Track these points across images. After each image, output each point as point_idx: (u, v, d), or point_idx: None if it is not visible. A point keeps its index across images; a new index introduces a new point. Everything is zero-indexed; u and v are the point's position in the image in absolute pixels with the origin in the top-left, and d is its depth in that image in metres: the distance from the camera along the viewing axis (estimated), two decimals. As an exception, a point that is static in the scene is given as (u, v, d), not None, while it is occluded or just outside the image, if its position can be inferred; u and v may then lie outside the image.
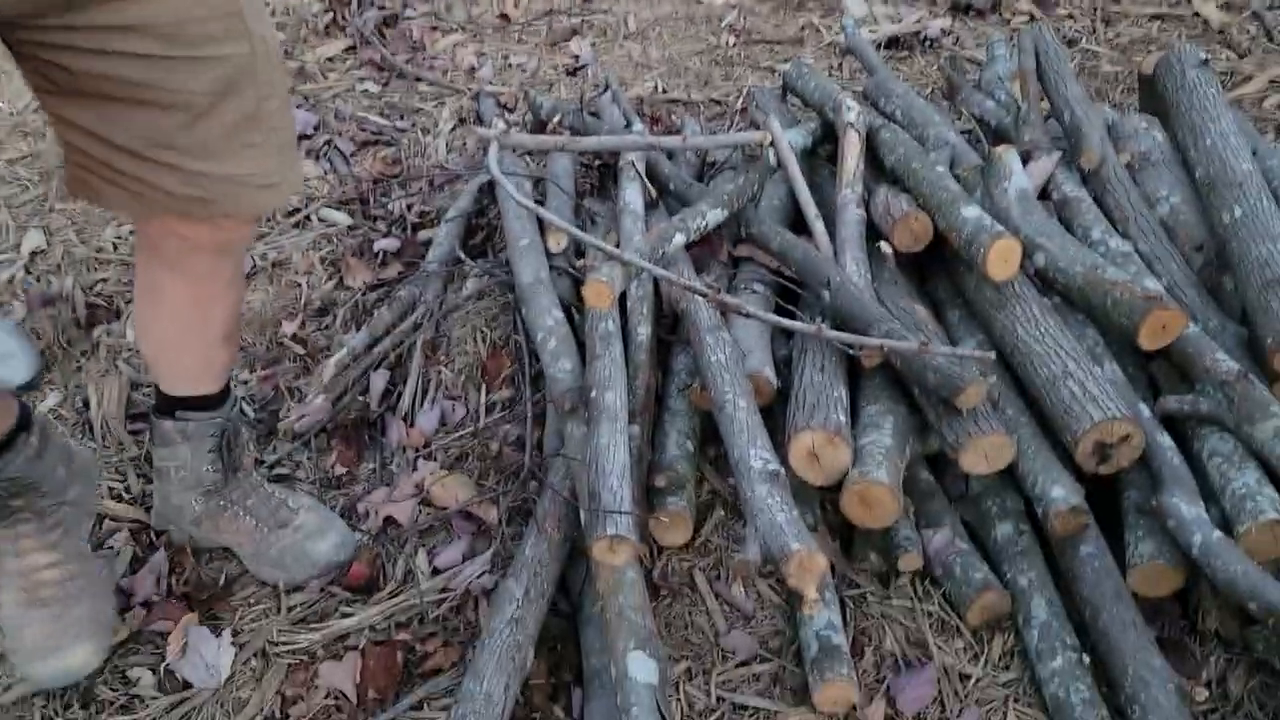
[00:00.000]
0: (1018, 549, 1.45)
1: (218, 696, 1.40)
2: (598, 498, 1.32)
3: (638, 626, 1.28)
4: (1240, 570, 1.22)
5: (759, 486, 1.32)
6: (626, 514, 1.30)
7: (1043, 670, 1.33)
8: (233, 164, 1.14)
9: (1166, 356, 1.50)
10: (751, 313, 1.49)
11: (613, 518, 1.29)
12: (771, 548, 1.24)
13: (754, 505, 1.30)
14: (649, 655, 1.24)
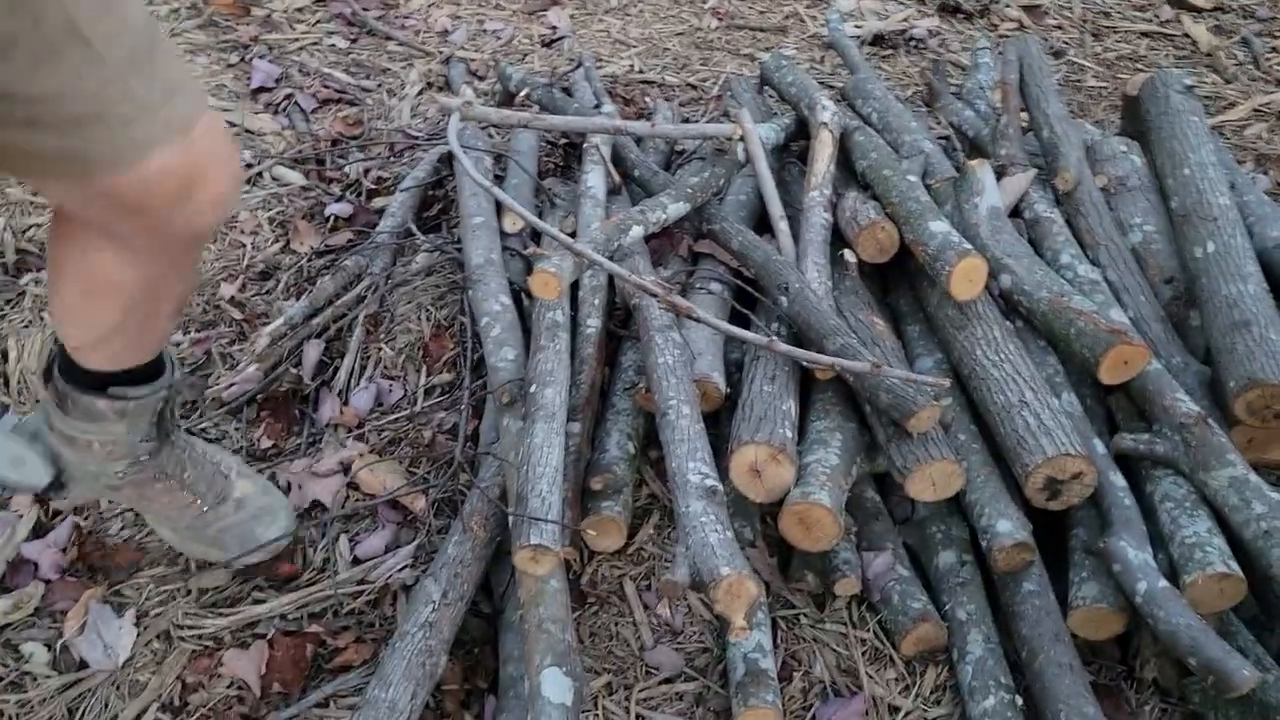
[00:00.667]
0: (959, 580, 1.40)
1: (114, 679, 1.33)
2: (525, 502, 1.26)
3: (556, 641, 1.22)
4: (1183, 623, 1.18)
5: (695, 502, 1.26)
6: (552, 523, 1.24)
7: (974, 709, 1.28)
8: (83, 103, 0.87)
9: (1127, 392, 1.46)
10: (702, 317, 1.43)
11: (538, 526, 1.23)
12: (701, 570, 1.19)
13: (687, 522, 1.24)
14: (565, 674, 1.19)
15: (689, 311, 1.45)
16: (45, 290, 1.92)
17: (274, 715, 1.29)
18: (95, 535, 1.50)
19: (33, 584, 1.42)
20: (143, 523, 1.52)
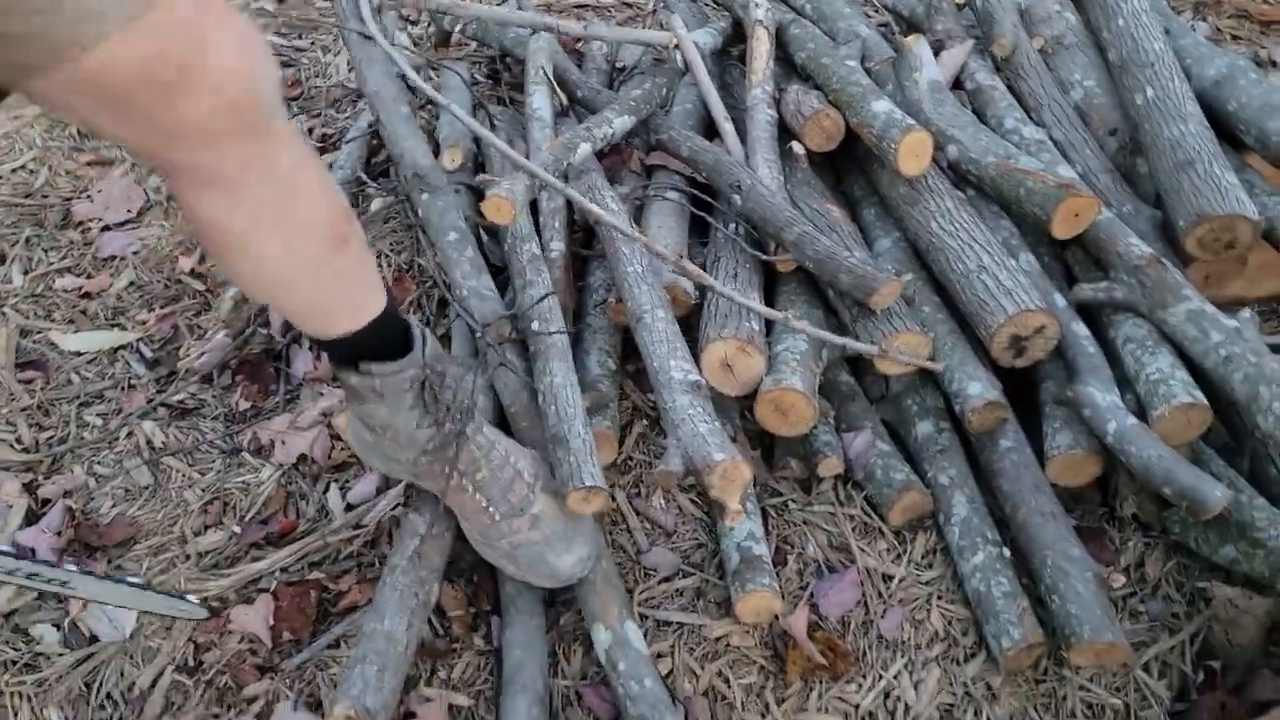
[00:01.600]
0: (938, 447, 1.43)
1: (125, 649, 1.35)
2: (565, 444, 1.27)
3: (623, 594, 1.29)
4: (1154, 455, 1.22)
5: (680, 397, 1.28)
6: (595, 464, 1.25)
7: (964, 566, 1.32)
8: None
9: (1081, 245, 1.48)
10: (718, 288, 1.42)
11: (586, 468, 1.24)
12: (694, 459, 1.21)
13: (675, 416, 1.26)
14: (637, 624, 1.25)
15: (701, 278, 1.45)
16: (3, 287, 1.91)
17: (288, 662, 1.32)
18: (88, 516, 1.51)
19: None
20: (134, 498, 1.53)
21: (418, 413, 1.21)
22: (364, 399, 1.19)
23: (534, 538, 1.27)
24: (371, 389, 1.17)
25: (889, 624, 1.32)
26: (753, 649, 1.30)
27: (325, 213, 1.02)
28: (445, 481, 1.26)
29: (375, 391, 1.17)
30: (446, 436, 1.23)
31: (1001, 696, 1.27)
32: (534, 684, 1.23)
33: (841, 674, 1.28)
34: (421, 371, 1.18)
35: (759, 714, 1.26)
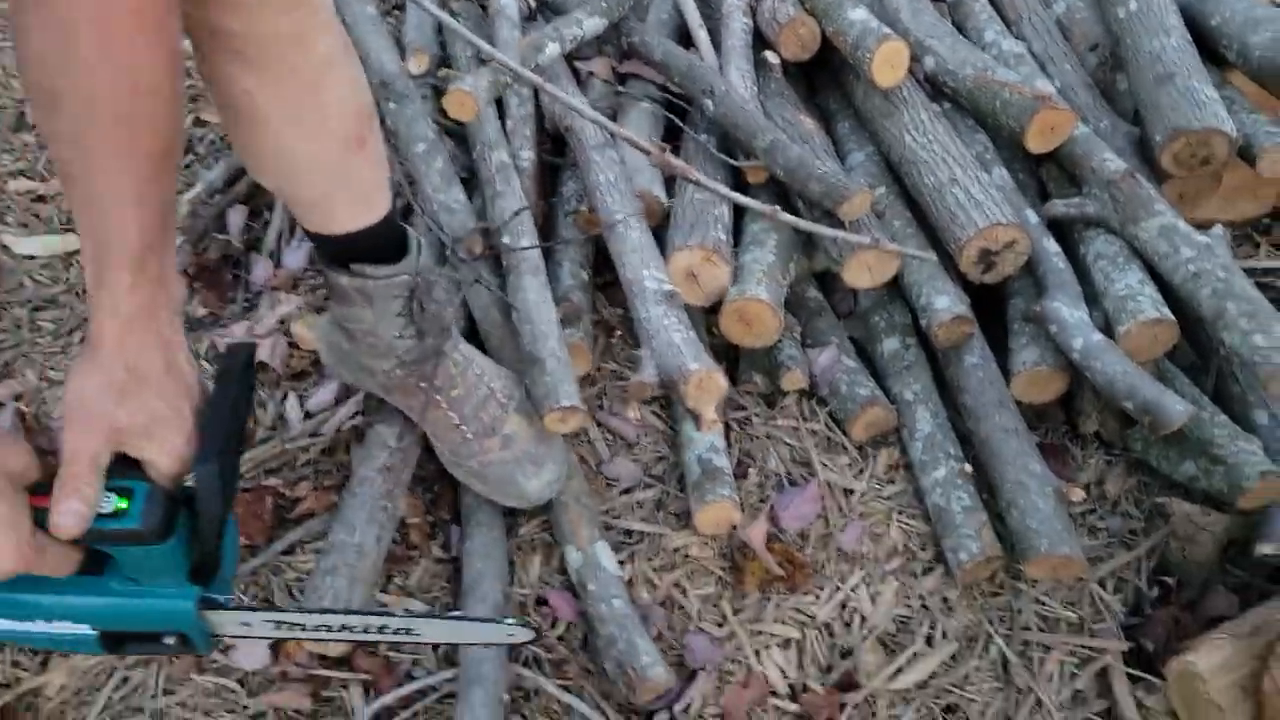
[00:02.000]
0: (904, 363, 1.42)
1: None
2: (540, 363, 1.25)
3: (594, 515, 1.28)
4: (1120, 370, 1.21)
5: (654, 308, 1.26)
6: (572, 384, 1.23)
7: (926, 481, 1.32)
8: None
9: (1056, 160, 1.46)
10: (701, 180, 1.38)
11: (563, 388, 1.22)
12: (669, 369, 1.19)
13: (650, 326, 1.24)
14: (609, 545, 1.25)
15: (686, 173, 1.41)
16: None
17: (243, 567, 1.31)
18: (40, 420, 1.48)
19: (-17, 471, 1.40)
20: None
21: (402, 321, 1.17)
22: (350, 302, 1.16)
23: (505, 458, 1.25)
24: (360, 292, 1.14)
25: (848, 538, 1.31)
26: (710, 560, 1.30)
27: (351, 109, 0.99)
28: (419, 396, 1.23)
29: (364, 295, 1.14)
30: (425, 350, 1.20)
31: (957, 609, 1.27)
32: (493, 593, 1.23)
33: (799, 586, 1.28)
34: (413, 279, 1.15)
35: (715, 624, 1.26)
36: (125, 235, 0.73)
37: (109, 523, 0.74)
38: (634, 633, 1.17)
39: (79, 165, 0.72)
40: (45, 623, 0.83)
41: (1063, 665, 1.23)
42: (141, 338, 0.76)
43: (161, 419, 0.76)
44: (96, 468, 0.74)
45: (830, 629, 1.26)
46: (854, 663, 1.23)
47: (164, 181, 0.75)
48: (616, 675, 1.16)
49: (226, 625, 0.87)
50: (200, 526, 0.79)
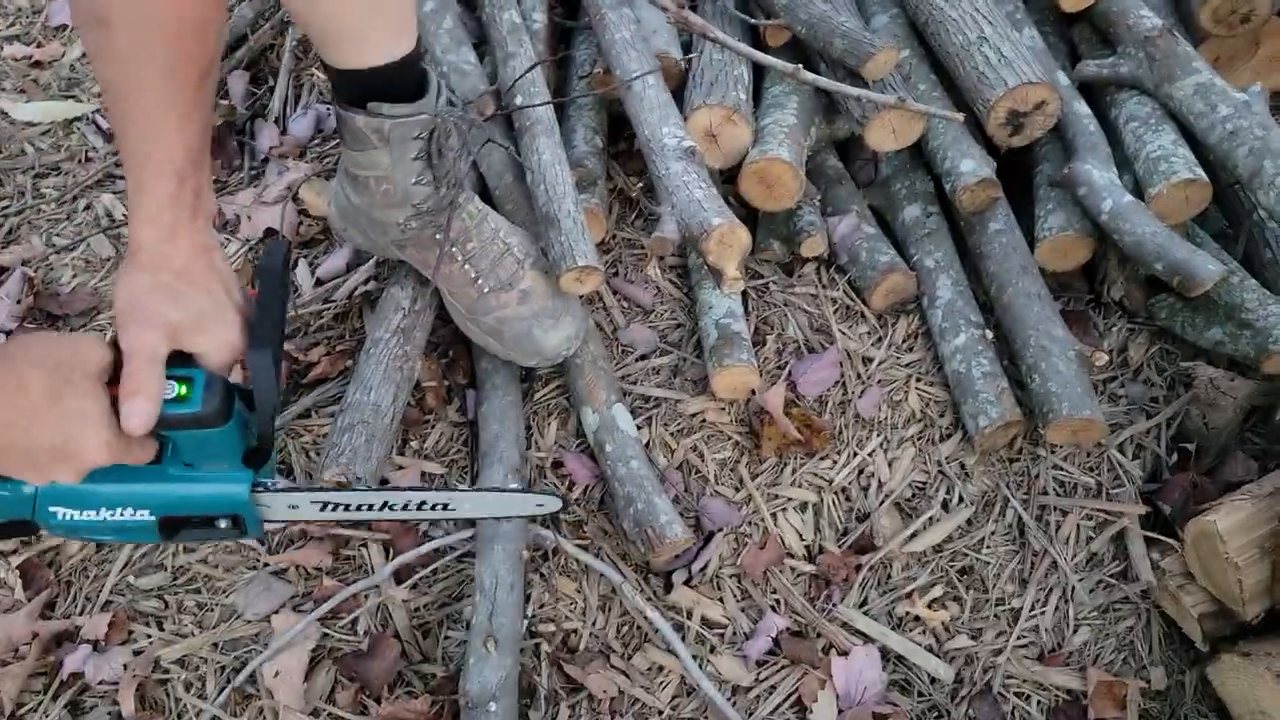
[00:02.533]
0: (925, 231, 1.39)
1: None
2: (556, 223, 1.22)
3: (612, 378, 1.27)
4: (1149, 231, 1.18)
5: (674, 164, 1.22)
6: (588, 243, 1.20)
7: (945, 348, 1.30)
8: None
9: (1089, 20, 1.41)
10: (719, 38, 1.33)
11: (580, 247, 1.19)
12: (690, 225, 1.16)
13: (670, 183, 1.21)
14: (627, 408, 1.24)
15: (705, 30, 1.35)
16: None
17: (258, 430, 1.30)
18: (48, 286, 1.46)
19: (-8, 335, 1.40)
20: (95, 270, 1.49)
21: (419, 165, 1.15)
22: (366, 145, 1.13)
23: (522, 313, 1.23)
24: (378, 133, 1.11)
25: (866, 404, 1.30)
26: (728, 425, 1.29)
27: None
28: (434, 250, 1.21)
29: (381, 136, 1.11)
30: (441, 200, 1.18)
31: (974, 475, 1.27)
32: (510, 456, 1.22)
33: (816, 450, 1.27)
34: (432, 120, 1.12)
35: (733, 488, 1.26)
36: (169, 148, 0.78)
37: (172, 408, 0.78)
38: (652, 493, 1.17)
39: (126, 84, 0.75)
40: (108, 511, 0.85)
41: (1079, 529, 1.23)
42: (183, 242, 0.81)
43: (209, 314, 0.81)
44: (156, 363, 0.77)
45: (847, 493, 1.26)
46: (870, 526, 1.24)
47: (205, 99, 0.80)
48: (635, 535, 1.16)
49: (276, 508, 0.89)
50: (256, 414, 0.83)
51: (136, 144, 0.78)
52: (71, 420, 0.75)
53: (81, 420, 0.75)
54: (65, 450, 0.76)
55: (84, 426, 0.75)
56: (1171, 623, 1.19)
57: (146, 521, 0.86)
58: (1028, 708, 1.15)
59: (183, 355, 0.80)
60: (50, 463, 0.77)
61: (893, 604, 1.20)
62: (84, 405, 0.75)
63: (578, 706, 1.12)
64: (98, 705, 1.12)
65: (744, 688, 1.14)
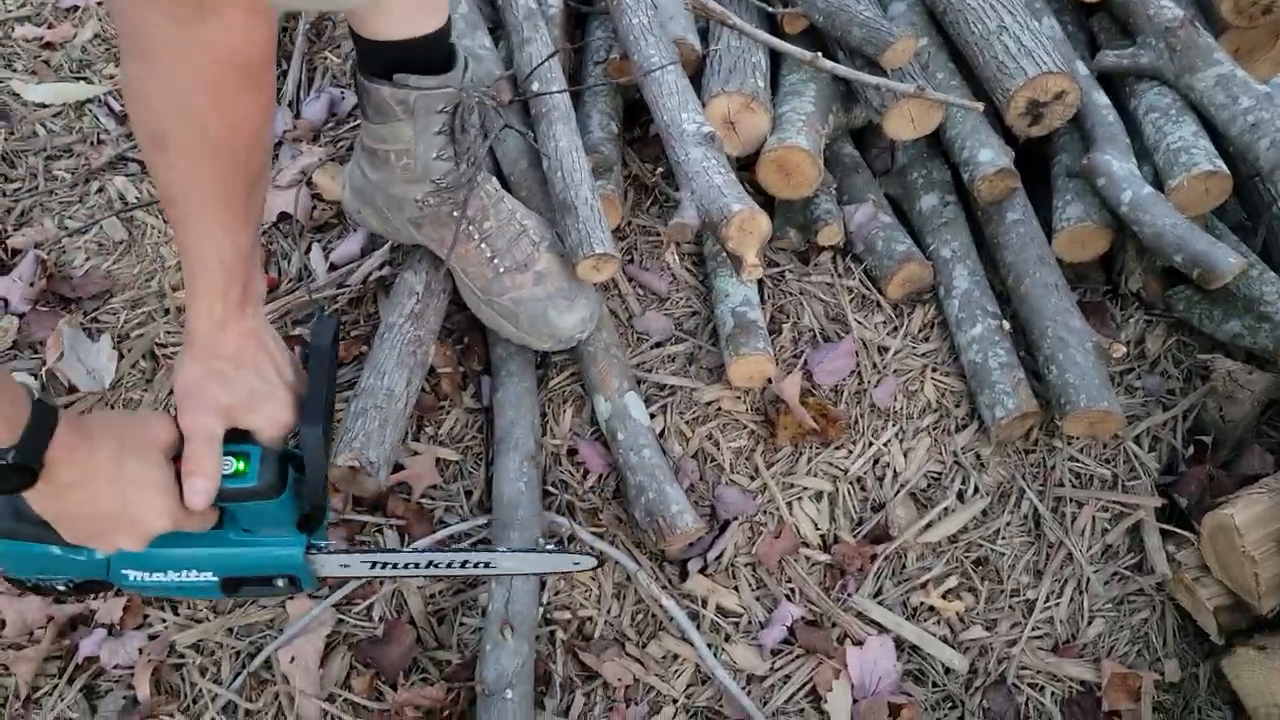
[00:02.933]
0: (942, 220, 1.39)
1: (106, 399, 1.33)
2: (573, 211, 1.22)
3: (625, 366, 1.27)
4: (1169, 223, 1.18)
5: (694, 149, 1.22)
6: (605, 230, 1.20)
7: (961, 338, 1.30)
8: None
9: (1108, 10, 1.40)
10: (738, 25, 1.32)
11: (596, 234, 1.19)
12: (710, 211, 1.16)
13: (689, 168, 1.20)
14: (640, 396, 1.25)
15: (723, 17, 1.34)
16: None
17: (272, 415, 1.30)
18: (61, 269, 1.46)
19: (6, 318, 1.39)
20: (108, 252, 1.48)
21: (442, 140, 1.15)
22: (388, 116, 1.13)
23: (537, 294, 1.23)
24: (403, 104, 1.11)
25: (882, 393, 1.30)
26: (743, 414, 1.29)
27: None
28: (451, 227, 1.21)
29: (406, 108, 1.11)
30: (461, 176, 1.18)
31: (990, 466, 1.27)
32: (525, 442, 1.22)
33: (832, 440, 1.27)
34: (458, 94, 1.12)
35: (748, 476, 1.26)
36: (219, 250, 0.83)
37: (231, 483, 0.83)
38: (664, 482, 1.17)
39: (182, 197, 0.81)
40: (174, 573, 0.92)
41: (1095, 520, 1.23)
42: (232, 331, 0.86)
43: (261, 394, 0.86)
44: (213, 443, 0.82)
45: (862, 483, 1.26)
46: (885, 516, 1.23)
47: (256, 203, 0.85)
48: (646, 524, 1.16)
49: (328, 567, 0.95)
50: (307, 482, 0.88)
51: (190, 245, 0.84)
52: (136, 488, 0.80)
53: (145, 488, 0.80)
54: (129, 516, 0.81)
55: (147, 495, 0.80)
56: (1186, 615, 1.19)
57: (210, 582, 0.93)
58: (1041, 699, 1.15)
59: (240, 432, 0.85)
60: (115, 529, 0.82)
61: (907, 594, 1.20)
62: (148, 475, 0.80)
63: (593, 694, 1.12)
64: (113, 689, 1.12)
65: (759, 677, 1.14)
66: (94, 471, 0.78)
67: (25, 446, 0.71)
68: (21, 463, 0.72)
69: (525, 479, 1.19)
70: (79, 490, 0.78)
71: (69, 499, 0.79)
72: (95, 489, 0.78)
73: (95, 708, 1.10)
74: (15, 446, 0.71)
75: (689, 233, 1.17)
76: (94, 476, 0.78)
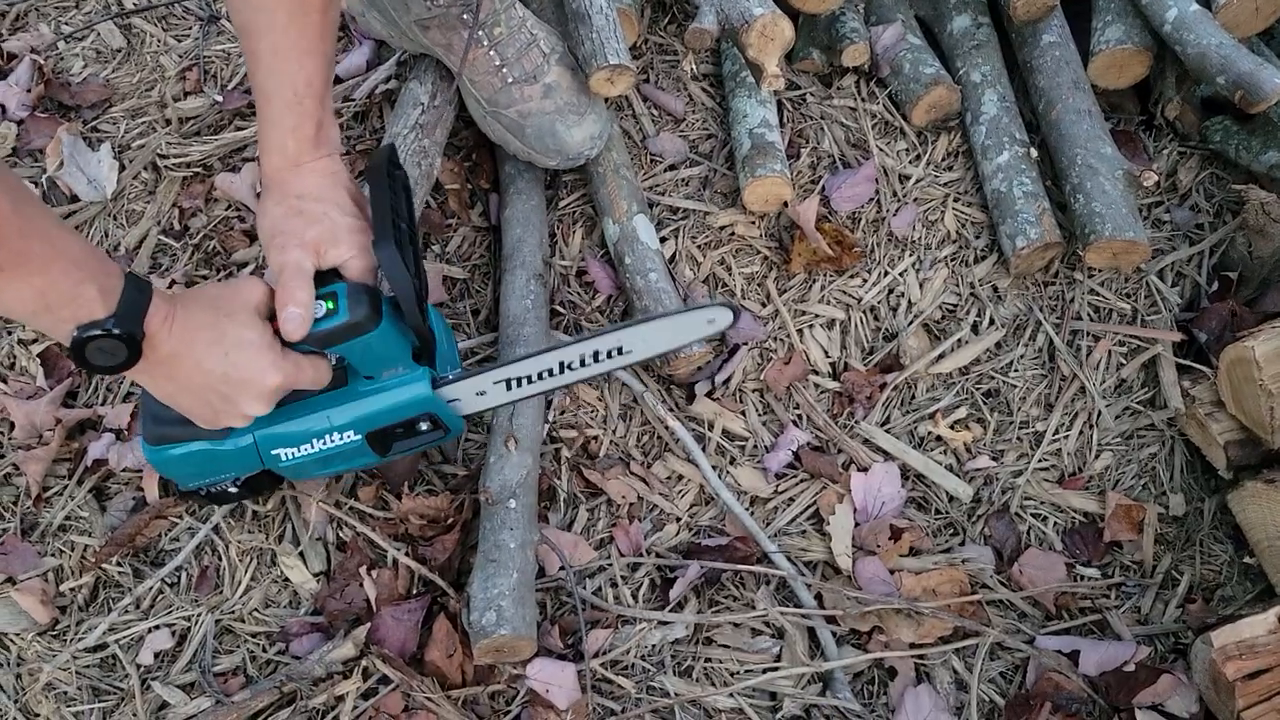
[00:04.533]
0: (973, 42, 1.32)
1: (108, 210, 1.31)
2: (588, 20, 1.15)
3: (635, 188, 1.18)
4: (1214, 43, 1.12)
5: None
6: (621, 41, 1.14)
7: (987, 166, 1.26)
8: None
9: None
10: None
11: (611, 45, 1.13)
12: (730, 15, 1.10)
13: None
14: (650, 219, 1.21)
15: None
16: None
17: (277, 229, 1.28)
18: (59, 75, 1.41)
19: (4, 124, 1.36)
20: (106, 60, 1.43)
21: None
22: None
23: (545, 107, 1.18)
24: None
25: (900, 222, 1.27)
26: (757, 239, 1.26)
27: None
28: (460, 32, 1.15)
29: None
30: None
31: (1007, 298, 1.24)
32: (532, 260, 1.20)
33: (846, 268, 1.24)
34: None
35: (759, 303, 1.23)
36: (291, 85, 0.84)
37: (324, 323, 0.84)
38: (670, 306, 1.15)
39: (254, 27, 0.82)
40: (318, 440, 0.93)
41: (1110, 354, 1.21)
42: (307, 168, 0.88)
43: (343, 225, 0.87)
44: (302, 274, 0.84)
45: (875, 312, 1.24)
46: (898, 346, 1.22)
47: (326, 35, 0.85)
48: (657, 349, 1.14)
49: (466, 400, 0.96)
50: (404, 308, 0.87)
51: (262, 81, 0.84)
52: (237, 349, 0.81)
53: (246, 347, 0.82)
54: (239, 377, 0.82)
55: (249, 352, 0.82)
56: (1195, 451, 1.18)
57: (356, 442, 0.94)
58: (1044, 528, 1.15)
59: (323, 276, 0.86)
60: (232, 394, 0.83)
61: (915, 424, 1.19)
62: (246, 334, 0.82)
63: (596, 510, 1.13)
64: (121, 491, 1.13)
65: (763, 498, 1.14)
66: (193, 340, 0.80)
67: (123, 314, 0.73)
68: (123, 330, 0.74)
69: (532, 296, 1.17)
70: (183, 361, 0.80)
71: (178, 372, 0.81)
72: (197, 355, 0.80)
73: (105, 508, 1.12)
74: (114, 314, 0.73)
75: (708, 39, 1.11)
76: (193, 344, 0.80)
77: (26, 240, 0.69)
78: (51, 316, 0.72)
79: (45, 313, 0.72)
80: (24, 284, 0.70)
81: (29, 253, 0.69)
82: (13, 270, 0.68)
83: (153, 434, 0.91)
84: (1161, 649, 1.07)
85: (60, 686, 1.03)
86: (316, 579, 1.07)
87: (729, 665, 1.04)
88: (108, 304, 0.73)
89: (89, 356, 0.74)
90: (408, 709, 0.99)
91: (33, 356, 1.20)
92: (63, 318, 0.72)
